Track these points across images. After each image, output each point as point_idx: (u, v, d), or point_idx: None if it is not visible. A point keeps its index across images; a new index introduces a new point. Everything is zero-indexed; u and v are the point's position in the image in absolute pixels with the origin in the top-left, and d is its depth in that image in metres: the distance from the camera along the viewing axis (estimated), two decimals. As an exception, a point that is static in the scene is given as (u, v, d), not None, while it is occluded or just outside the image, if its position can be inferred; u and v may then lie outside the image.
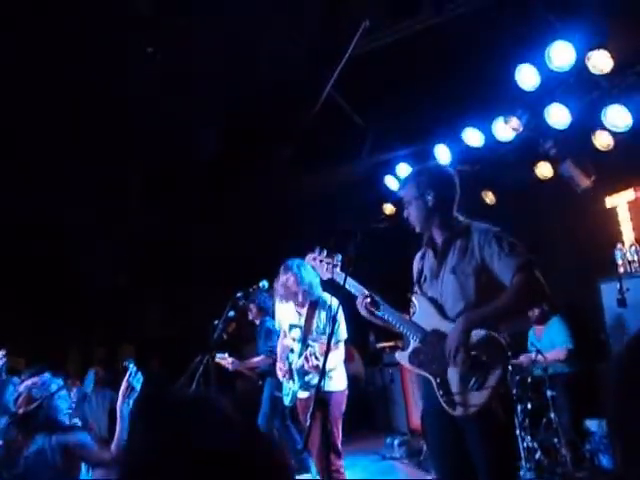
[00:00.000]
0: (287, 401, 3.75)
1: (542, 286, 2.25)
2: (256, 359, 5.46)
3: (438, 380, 2.36)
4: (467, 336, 2.25)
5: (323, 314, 3.64)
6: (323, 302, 3.65)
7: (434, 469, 2.91)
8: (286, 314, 3.86)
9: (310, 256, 2.92)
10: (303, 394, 3.62)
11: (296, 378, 3.66)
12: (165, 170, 6.50)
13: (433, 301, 2.45)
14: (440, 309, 2.42)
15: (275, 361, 5.32)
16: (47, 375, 2.89)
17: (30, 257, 7.38)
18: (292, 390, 3.68)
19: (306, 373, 3.59)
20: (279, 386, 5.31)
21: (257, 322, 5.50)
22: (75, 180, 6.35)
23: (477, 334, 2.26)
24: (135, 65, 4.93)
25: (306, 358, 3.56)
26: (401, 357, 2.54)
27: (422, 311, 2.48)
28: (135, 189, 6.83)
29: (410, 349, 2.49)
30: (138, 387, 2.58)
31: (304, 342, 3.68)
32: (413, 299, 2.53)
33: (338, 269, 2.75)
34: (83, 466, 2.71)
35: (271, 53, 4.96)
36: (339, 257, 2.79)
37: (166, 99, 5.30)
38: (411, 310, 2.56)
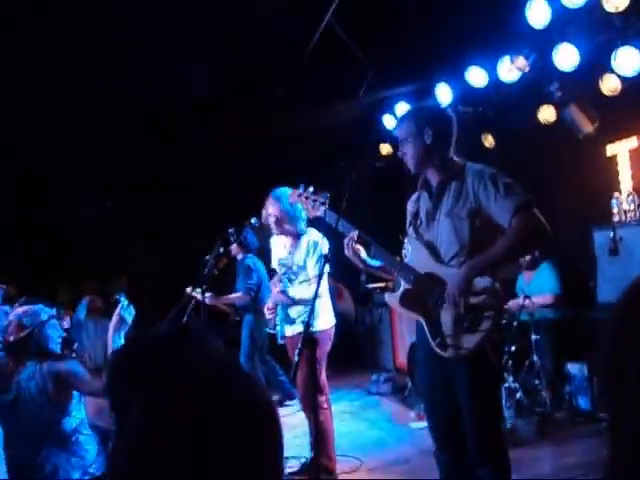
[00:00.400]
0: (278, 339, 3.77)
1: (543, 225, 2.21)
2: (232, 295, 5.50)
3: (429, 322, 2.36)
4: (470, 282, 2.23)
5: (305, 249, 3.55)
6: (307, 237, 3.57)
7: (424, 411, 2.99)
8: (277, 248, 3.80)
9: (295, 192, 2.75)
10: (289, 330, 3.64)
11: (280, 313, 3.66)
12: (156, 105, 6.28)
13: (428, 244, 2.41)
14: (434, 252, 2.38)
15: (252, 299, 5.40)
16: (39, 304, 2.89)
17: (17, 192, 7.28)
18: (279, 327, 3.70)
19: (287, 306, 3.60)
20: (258, 324, 5.42)
21: (238, 258, 5.51)
22: (61, 113, 6.14)
23: (476, 280, 2.24)
24: (132, 4, 4.66)
25: (274, 284, 3.56)
26: (391, 299, 2.53)
27: (415, 254, 2.44)
28: (124, 123, 6.62)
29: (401, 291, 2.47)
30: (130, 320, 2.58)
31: (284, 276, 3.66)
32: (405, 242, 2.49)
33: (326, 207, 2.65)
34: (75, 394, 2.74)
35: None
36: (326, 195, 2.67)
37: (161, 35, 5.05)
38: (403, 252, 2.53)
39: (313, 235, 3.58)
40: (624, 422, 0.64)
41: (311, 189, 2.72)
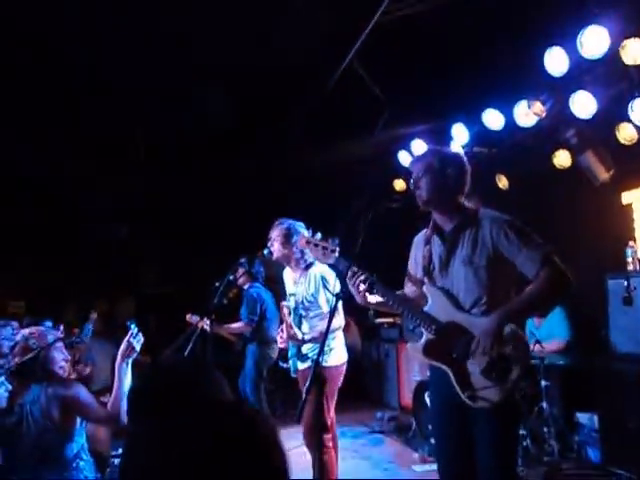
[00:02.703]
0: (291, 373, 3.73)
1: (569, 278, 2.22)
2: (234, 325, 5.50)
3: (456, 372, 2.31)
4: (502, 331, 2.21)
5: (314, 284, 3.50)
6: (315, 269, 3.53)
7: (435, 453, 2.94)
8: (288, 282, 3.78)
9: (303, 240, 2.72)
10: (301, 365, 3.61)
11: (291, 349, 3.64)
12: (173, 131, 6.40)
13: (445, 291, 2.39)
14: (454, 300, 2.36)
15: (256, 329, 5.38)
16: (45, 325, 2.88)
17: (32, 208, 7.36)
18: (291, 361, 3.67)
19: (300, 343, 3.57)
20: (263, 355, 5.39)
21: (245, 287, 5.51)
22: (77, 133, 6.27)
23: (505, 328, 2.23)
24: (150, 29, 4.79)
25: (281, 329, 3.52)
26: (414, 349, 2.47)
27: (435, 302, 2.41)
28: (140, 148, 6.73)
29: (424, 340, 2.43)
30: (138, 348, 2.58)
31: (295, 311, 3.63)
32: (424, 290, 2.46)
33: (336, 254, 2.61)
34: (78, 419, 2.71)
35: (292, 20, 4.80)
36: (336, 242, 2.65)
37: (179, 63, 5.18)
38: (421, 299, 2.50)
39: (320, 269, 3.54)
40: None
41: (319, 235, 2.69)
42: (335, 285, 3.47)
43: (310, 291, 3.52)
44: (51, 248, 7.85)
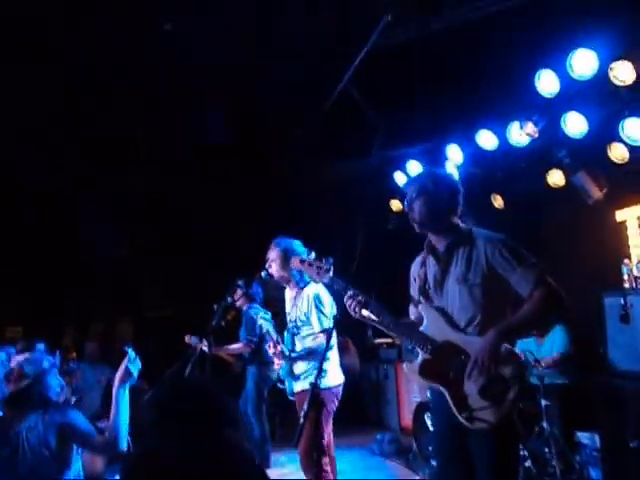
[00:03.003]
0: (288, 395, 3.71)
1: (562, 297, 2.23)
2: (233, 346, 5.48)
3: (452, 393, 2.30)
4: (498, 350, 2.21)
5: (307, 303, 3.49)
6: (309, 289, 3.52)
7: (437, 475, 2.91)
8: (287, 300, 3.78)
9: (297, 260, 2.74)
10: (297, 386, 3.59)
11: (284, 367, 3.61)
12: (172, 149, 6.46)
13: (440, 311, 2.40)
14: (449, 320, 2.36)
15: (256, 351, 5.36)
16: (40, 350, 2.86)
17: (31, 227, 7.36)
18: (287, 382, 3.65)
19: (293, 362, 3.54)
20: (262, 376, 5.37)
21: (243, 308, 5.50)
22: (77, 152, 6.31)
23: (501, 348, 2.23)
24: (149, 43, 4.87)
25: (271, 344, 3.50)
26: (410, 369, 2.46)
27: (430, 321, 2.42)
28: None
29: (419, 360, 2.42)
30: (136, 373, 2.56)
31: (289, 331, 3.62)
32: (420, 309, 2.47)
33: (331, 273, 2.62)
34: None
35: (287, 43, 4.89)
36: (330, 260, 2.65)
37: (179, 81, 5.24)
38: (410, 316, 2.52)
39: (314, 288, 3.53)
40: None
41: (313, 255, 2.71)
42: (330, 305, 3.48)
43: (303, 310, 3.52)
44: (50, 267, 7.83)
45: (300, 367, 3.54)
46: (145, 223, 7.79)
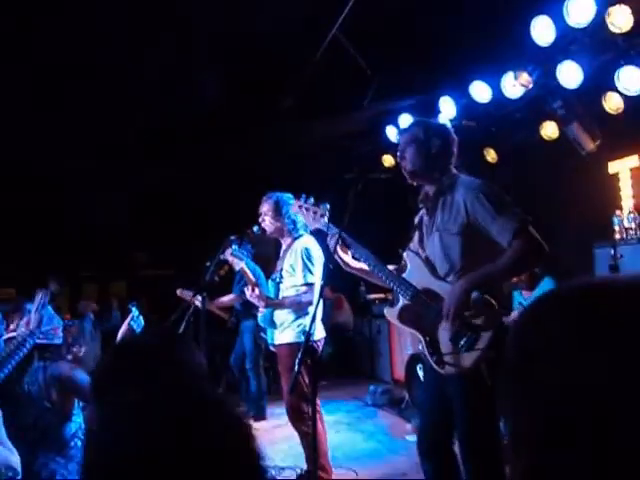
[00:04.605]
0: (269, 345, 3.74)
1: (542, 246, 2.17)
2: (225, 297, 5.49)
3: (427, 339, 2.34)
4: (468, 297, 2.19)
5: (294, 254, 3.48)
6: (300, 242, 3.51)
7: (419, 421, 2.97)
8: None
9: (296, 203, 2.74)
10: (277, 339, 3.55)
11: (266, 314, 3.59)
12: (164, 118, 6.31)
13: (426, 259, 2.39)
14: (432, 267, 2.36)
15: (249, 304, 5.39)
16: (28, 308, 2.84)
17: (23, 196, 7.28)
18: (268, 331, 3.66)
19: (272, 310, 3.53)
20: (260, 328, 5.42)
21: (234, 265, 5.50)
22: (72, 128, 6.18)
23: (473, 295, 2.20)
24: (135, 17, 4.69)
25: (251, 287, 3.51)
26: (390, 314, 2.50)
27: (413, 269, 2.42)
28: (133, 134, 6.64)
29: (399, 306, 2.45)
30: (138, 330, 2.57)
31: (275, 280, 3.59)
32: (404, 256, 2.46)
33: (326, 219, 2.62)
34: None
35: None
36: (326, 206, 2.64)
37: (165, 50, 5.08)
38: (402, 264, 2.51)
39: (306, 241, 3.53)
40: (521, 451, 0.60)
41: (312, 200, 2.69)
42: (320, 263, 3.44)
43: (290, 262, 3.51)
44: (41, 232, 7.78)
45: (280, 317, 3.53)
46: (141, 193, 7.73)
